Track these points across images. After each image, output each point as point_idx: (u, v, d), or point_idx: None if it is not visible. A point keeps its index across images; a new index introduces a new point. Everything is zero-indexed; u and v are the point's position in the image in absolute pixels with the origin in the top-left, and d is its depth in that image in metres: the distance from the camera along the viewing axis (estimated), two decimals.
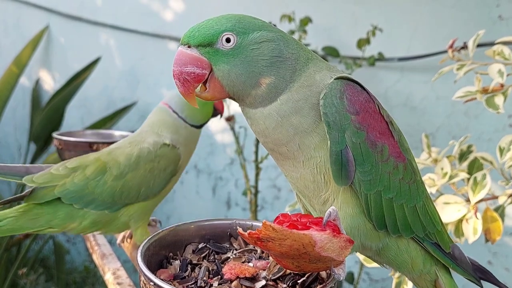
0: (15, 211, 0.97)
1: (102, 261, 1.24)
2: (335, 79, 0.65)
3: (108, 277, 1.14)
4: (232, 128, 2.22)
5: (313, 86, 0.66)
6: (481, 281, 0.85)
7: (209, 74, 0.65)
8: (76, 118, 3.02)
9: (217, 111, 1.17)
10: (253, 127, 0.70)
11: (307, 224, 0.59)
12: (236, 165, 2.50)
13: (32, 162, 2.87)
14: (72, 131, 1.53)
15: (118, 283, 1.10)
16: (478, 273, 0.84)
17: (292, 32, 2.01)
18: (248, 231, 0.57)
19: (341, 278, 0.61)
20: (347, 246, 0.59)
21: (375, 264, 1.10)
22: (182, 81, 0.64)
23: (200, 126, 1.14)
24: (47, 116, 2.77)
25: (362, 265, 2.04)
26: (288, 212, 0.62)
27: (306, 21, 2.00)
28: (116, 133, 1.64)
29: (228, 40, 0.64)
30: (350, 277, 2.08)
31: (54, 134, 1.41)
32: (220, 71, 0.64)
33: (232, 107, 2.32)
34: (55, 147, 1.43)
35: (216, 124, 2.52)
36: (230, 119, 2.20)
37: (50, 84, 3.16)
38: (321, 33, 2.13)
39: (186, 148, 1.10)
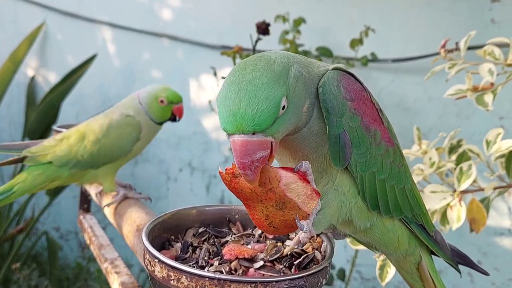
0: (20, 178, 1.24)
1: (99, 251, 1.26)
2: (330, 69, 0.69)
3: (106, 266, 1.17)
4: None
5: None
6: (460, 265, 0.91)
7: None
8: (71, 114, 3.02)
9: (175, 116, 1.35)
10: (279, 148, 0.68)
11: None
12: (231, 163, 2.51)
13: None
14: (71, 123, 1.54)
15: (116, 272, 1.13)
16: (457, 258, 0.90)
17: (286, 33, 2.04)
18: (225, 168, 0.62)
19: (304, 229, 0.63)
20: (313, 197, 0.62)
21: (363, 257, 1.14)
22: (253, 169, 0.59)
23: (157, 123, 1.34)
24: (43, 112, 2.78)
25: (353, 264, 2.07)
26: None
27: (299, 21, 2.03)
28: None
29: (284, 107, 0.60)
30: (341, 275, 2.10)
31: (54, 127, 1.43)
32: (279, 133, 0.61)
33: None
34: None
35: (211, 122, 2.54)
36: None
37: (46, 80, 3.17)
38: (315, 33, 2.16)
39: (145, 129, 1.32)
